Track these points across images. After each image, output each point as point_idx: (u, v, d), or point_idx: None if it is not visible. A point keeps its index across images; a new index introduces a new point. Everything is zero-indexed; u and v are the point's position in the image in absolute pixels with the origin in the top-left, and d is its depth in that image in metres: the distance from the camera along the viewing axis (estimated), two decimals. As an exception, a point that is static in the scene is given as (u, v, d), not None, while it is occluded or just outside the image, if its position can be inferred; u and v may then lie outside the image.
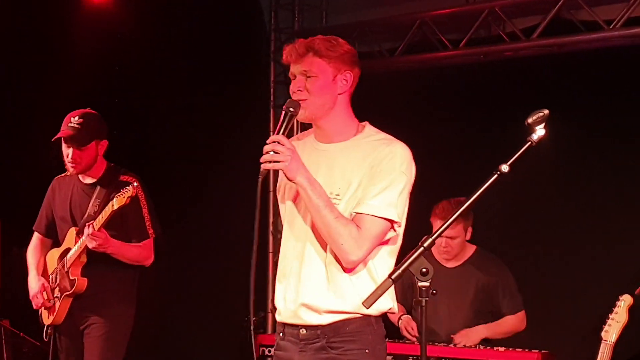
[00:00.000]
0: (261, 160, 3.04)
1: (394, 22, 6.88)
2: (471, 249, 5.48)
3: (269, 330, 7.15)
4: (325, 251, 3.22)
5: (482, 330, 5.32)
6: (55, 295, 4.62)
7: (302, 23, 7.32)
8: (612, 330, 4.38)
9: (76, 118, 4.54)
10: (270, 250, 7.21)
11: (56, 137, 4.50)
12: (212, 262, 6.90)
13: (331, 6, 7.32)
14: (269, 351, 5.42)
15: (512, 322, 5.44)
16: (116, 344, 4.65)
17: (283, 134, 3.09)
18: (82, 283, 4.54)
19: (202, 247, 6.89)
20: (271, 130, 7.17)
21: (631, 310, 4.37)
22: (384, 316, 3.33)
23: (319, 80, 3.22)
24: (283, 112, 3.15)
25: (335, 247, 3.15)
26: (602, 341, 4.40)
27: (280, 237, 3.43)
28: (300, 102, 3.19)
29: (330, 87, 3.25)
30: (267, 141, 3.04)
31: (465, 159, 6.54)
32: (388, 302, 3.26)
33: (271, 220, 7.17)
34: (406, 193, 3.21)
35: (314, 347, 3.24)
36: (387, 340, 3.38)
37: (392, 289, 3.10)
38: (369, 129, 3.33)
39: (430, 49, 6.70)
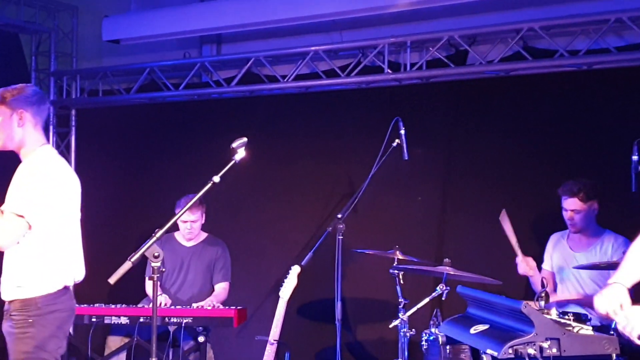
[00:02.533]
0: None
1: (129, 68, 6.99)
2: (204, 234, 5.73)
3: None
4: None
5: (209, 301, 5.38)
6: None
7: (57, 66, 7.25)
8: (286, 290, 4.77)
9: None
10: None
11: None
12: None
13: (80, 54, 7.33)
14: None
15: (221, 292, 5.55)
16: None
17: None
18: None
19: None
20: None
21: (299, 276, 4.79)
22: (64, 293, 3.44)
23: (1, 120, 3.55)
24: None
25: None
26: (280, 298, 4.75)
27: None
28: None
29: (9, 124, 3.52)
30: None
31: (189, 169, 6.51)
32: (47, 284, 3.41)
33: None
34: (36, 194, 3.32)
35: (7, 318, 3.44)
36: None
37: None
38: (39, 150, 3.53)
39: (157, 89, 6.83)
